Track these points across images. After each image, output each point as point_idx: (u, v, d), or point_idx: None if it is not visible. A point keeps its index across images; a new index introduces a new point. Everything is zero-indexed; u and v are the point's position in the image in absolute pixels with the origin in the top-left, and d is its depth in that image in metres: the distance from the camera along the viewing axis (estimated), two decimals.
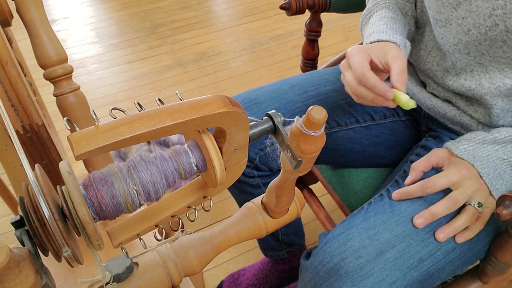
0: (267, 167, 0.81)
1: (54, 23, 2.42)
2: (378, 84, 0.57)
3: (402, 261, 0.57)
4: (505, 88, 0.62)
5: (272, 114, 0.41)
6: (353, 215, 0.64)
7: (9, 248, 0.31)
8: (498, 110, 0.64)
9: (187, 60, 2.09)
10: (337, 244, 0.60)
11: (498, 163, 0.60)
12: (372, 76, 0.58)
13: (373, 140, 0.81)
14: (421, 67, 0.74)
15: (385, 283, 0.56)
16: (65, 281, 0.63)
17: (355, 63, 0.59)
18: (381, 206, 0.63)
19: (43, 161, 0.65)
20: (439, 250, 0.59)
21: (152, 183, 0.37)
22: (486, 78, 0.63)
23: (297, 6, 0.91)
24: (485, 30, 0.58)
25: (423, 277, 0.59)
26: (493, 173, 0.59)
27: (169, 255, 0.47)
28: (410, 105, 0.57)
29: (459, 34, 0.62)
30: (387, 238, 0.59)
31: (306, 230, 1.08)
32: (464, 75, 0.66)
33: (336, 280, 0.57)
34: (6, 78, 0.56)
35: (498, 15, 0.56)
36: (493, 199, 0.60)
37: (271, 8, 2.49)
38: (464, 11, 0.60)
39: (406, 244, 0.58)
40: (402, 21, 0.71)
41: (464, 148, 0.61)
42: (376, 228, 0.60)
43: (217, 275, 1.19)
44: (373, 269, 0.56)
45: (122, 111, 0.37)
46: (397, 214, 0.61)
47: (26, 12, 0.65)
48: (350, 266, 0.57)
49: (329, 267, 0.59)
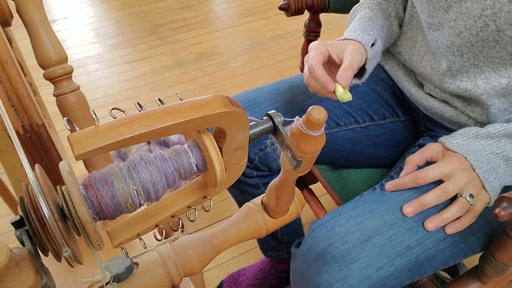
0: (267, 167, 0.81)
1: (54, 23, 2.42)
2: (322, 77, 0.63)
3: (389, 248, 0.58)
4: (500, 88, 0.62)
5: (272, 114, 0.41)
6: (343, 205, 0.65)
7: (9, 248, 0.31)
8: (495, 109, 0.64)
9: (187, 60, 2.09)
10: (324, 231, 0.60)
11: (492, 157, 0.60)
12: (319, 69, 0.63)
13: (373, 140, 0.81)
14: (416, 71, 0.74)
15: (372, 268, 0.57)
16: (65, 281, 0.63)
17: (310, 56, 0.65)
18: (372, 196, 0.64)
19: (43, 161, 0.65)
20: (428, 239, 0.59)
21: (152, 183, 0.37)
22: (481, 78, 0.64)
23: (296, 6, 0.91)
24: (476, 31, 0.59)
25: (412, 264, 0.59)
26: (486, 167, 0.59)
27: (169, 255, 0.47)
28: (345, 98, 0.62)
29: (452, 37, 0.63)
30: (374, 225, 0.59)
31: (306, 230, 1.08)
32: (460, 76, 0.66)
33: (323, 264, 0.58)
34: (6, 78, 0.56)
35: (488, 15, 0.56)
36: (486, 192, 0.60)
37: (271, 8, 2.50)
38: (455, 13, 0.61)
39: (394, 231, 0.59)
40: (380, 22, 0.74)
41: (458, 142, 0.62)
42: (364, 215, 0.60)
43: (217, 275, 1.19)
44: (360, 254, 0.57)
45: (122, 111, 0.37)
46: (387, 203, 0.61)
47: (26, 12, 0.65)
48: (337, 251, 0.58)
49: (316, 252, 0.59)
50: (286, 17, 0.93)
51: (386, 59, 0.83)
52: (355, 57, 0.65)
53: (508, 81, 0.62)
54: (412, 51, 0.75)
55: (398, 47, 0.78)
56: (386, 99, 0.81)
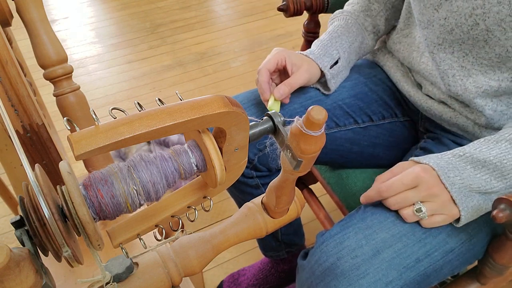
0: (266, 168, 0.81)
1: (54, 23, 2.42)
2: (262, 84, 0.71)
3: (398, 261, 0.57)
4: (492, 91, 0.62)
5: (272, 114, 0.41)
6: (350, 214, 0.64)
7: (9, 248, 0.31)
8: (491, 111, 0.64)
9: (187, 60, 2.09)
10: (333, 244, 0.60)
11: (455, 160, 0.58)
12: (263, 75, 0.71)
13: (372, 141, 0.81)
14: (415, 68, 0.74)
15: (381, 282, 0.56)
16: (65, 281, 0.63)
17: (265, 60, 0.72)
18: (378, 205, 0.63)
19: (43, 161, 0.65)
20: (436, 251, 0.59)
21: (152, 183, 0.37)
22: (470, 82, 0.64)
23: (295, 7, 0.91)
24: (467, 29, 0.59)
25: (420, 277, 0.58)
26: (447, 166, 0.57)
27: (169, 255, 0.47)
28: (272, 109, 0.69)
29: (443, 34, 0.63)
30: (383, 237, 0.58)
31: (306, 230, 1.08)
32: (446, 80, 0.66)
33: (332, 279, 0.57)
34: (6, 78, 0.56)
35: (478, 15, 0.57)
36: (455, 206, 0.57)
37: (271, 8, 2.50)
38: (445, 11, 0.61)
39: (403, 244, 0.58)
40: (350, 38, 0.78)
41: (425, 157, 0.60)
42: (372, 227, 0.60)
43: (217, 275, 1.19)
44: (369, 268, 0.56)
45: (122, 111, 0.37)
46: (394, 214, 0.61)
47: (26, 12, 0.65)
48: (346, 265, 0.57)
49: (325, 266, 0.59)
50: (286, 18, 0.94)
51: (385, 60, 0.83)
52: (301, 77, 0.71)
53: (499, 84, 0.61)
54: (411, 48, 0.74)
55: (396, 45, 0.78)
56: (385, 100, 0.81)
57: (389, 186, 0.58)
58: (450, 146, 0.72)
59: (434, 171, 0.57)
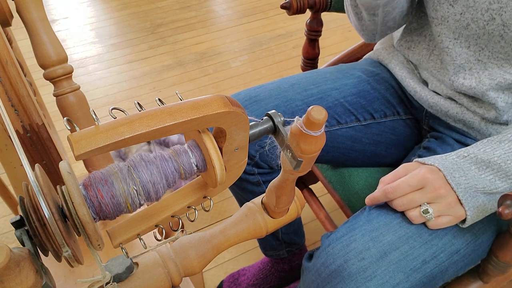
0: (268, 165, 0.81)
1: (54, 23, 2.42)
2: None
3: (405, 263, 0.57)
4: (506, 83, 0.63)
5: (272, 114, 0.41)
6: (355, 216, 0.64)
7: (9, 248, 0.31)
8: (503, 103, 0.64)
9: (187, 60, 2.09)
10: (340, 246, 0.59)
11: (459, 160, 0.58)
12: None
13: (374, 138, 0.81)
14: (423, 65, 0.74)
15: (388, 285, 0.56)
16: (65, 281, 0.63)
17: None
18: (384, 206, 0.63)
19: (43, 161, 0.65)
20: (442, 252, 0.59)
21: (152, 183, 0.37)
22: (485, 75, 0.64)
23: (298, 5, 0.91)
24: (483, 24, 0.59)
25: (426, 278, 0.58)
26: (452, 167, 0.57)
27: (169, 255, 0.47)
28: None
29: (458, 29, 0.63)
30: (390, 239, 0.58)
31: (306, 230, 1.08)
32: (463, 73, 0.66)
33: (339, 282, 0.57)
34: (6, 78, 0.56)
35: (495, 9, 0.57)
36: (461, 207, 0.57)
37: (271, 8, 2.49)
38: (461, 6, 0.61)
39: (410, 246, 0.58)
40: None
41: (430, 158, 0.60)
42: (379, 229, 0.59)
43: (217, 275, 1.19)
44: (377, 271, 0.56)
45: (122, 111, 0.37)
46: (400, 216, 0.60)
47: (26, 12, 0.65)
48: (354, 268, 0.57)
49: (332, 268, 0.58)
50: (286, 17, 0.93)
51: (390, 58, 0.83)
52: None
53: None
54: (422, 46, 0.74)
55: (408, 42, 0.78)
56: (387, 98, 0.81)
57: (395, 187, 0.58)
58: (454, 145, 0.72)
59: (440, 172, 0.57)
